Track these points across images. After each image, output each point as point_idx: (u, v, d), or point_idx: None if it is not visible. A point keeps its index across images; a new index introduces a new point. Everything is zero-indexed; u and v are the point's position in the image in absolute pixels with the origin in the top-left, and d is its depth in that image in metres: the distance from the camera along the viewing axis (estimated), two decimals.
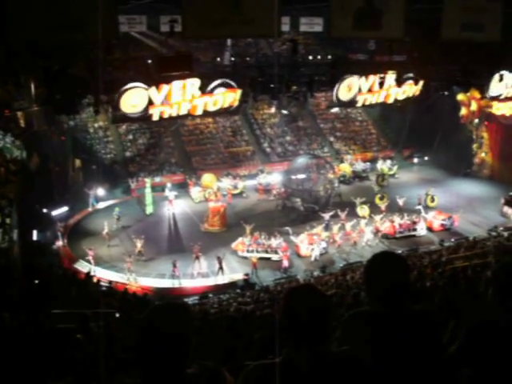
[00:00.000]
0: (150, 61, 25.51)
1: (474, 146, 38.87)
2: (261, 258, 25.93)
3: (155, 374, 2.56)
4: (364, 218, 29.66)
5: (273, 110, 40.91)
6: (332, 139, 42.56)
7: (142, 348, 2.59)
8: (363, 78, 27.55)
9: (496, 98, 31.56)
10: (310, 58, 35.42)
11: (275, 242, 26.51)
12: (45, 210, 27.98)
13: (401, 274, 3.19)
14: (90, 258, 24.89)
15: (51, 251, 26.14)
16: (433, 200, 32.34)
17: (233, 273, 25.08)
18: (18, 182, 23.50)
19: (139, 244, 25.79)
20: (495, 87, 29.25)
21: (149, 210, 32.05)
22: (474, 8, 19.41)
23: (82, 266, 24.79)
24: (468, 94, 35.05)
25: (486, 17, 19.96)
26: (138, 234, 27.12)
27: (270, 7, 16.57)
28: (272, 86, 24.98)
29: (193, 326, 2.67)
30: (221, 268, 24.49)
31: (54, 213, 28.74)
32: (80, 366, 5.42)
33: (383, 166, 39.05)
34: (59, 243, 26.83)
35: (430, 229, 29.39)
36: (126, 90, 23.44)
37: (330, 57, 32.64)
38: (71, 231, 28.54)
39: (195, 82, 24.29)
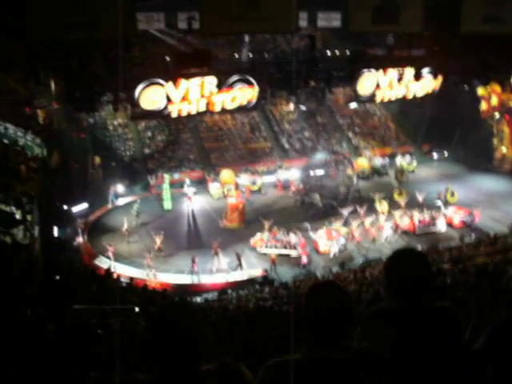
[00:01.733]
0: (168, 58, 25.58)
1: (495, 140, 38.40)
2: (279, 255, 25.93)
3: (167, 370, 2.57)
4: (383, 213, 29.45)
5: (291, 106, 40.80)
6: (350, 135, 42.35)
7: (151, 345, 2.62)
8: (382, 72, 27.36)
9: None
10: (328, 53, 35.25)
11: (294, 238, 26.48)
12: (65, 207, 28.27)
13: (421, 270, 3.17)
14: (110, 254, 25.08)
15: (71, 247, 26.42)
16: (453, 195, 32.03)
17: (251, 269, 25.11)
18: (38, 179, 23.76)
19: (158, 240, 25.91)
20: None
21: (167, 205, 32.23)
22: (495, 0, 19.17)
23: (102, 262, 25.01)
24: (488, 87, 34.63)
25: (506, 9, 19.70)
26: (157, 230, 27.28)
27: (287, 3, 16.55)
28: (290, 81, 24.92)
29: (197, 323, 2.67)
30: (239, 264, 24.53)
31: (74, 209, 29.05)
32: (100, 361, 5.46)
33: (402, 161, 38.75)
34: (79, 239, 27.09)
35: (450, 225, 29.12)
36: (145, 87, 23.54)
37: (348, 52, 32.44)
38: (91, 227, 28.79)
39: (213, 80, 24.34)
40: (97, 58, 22.25)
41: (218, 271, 24.91)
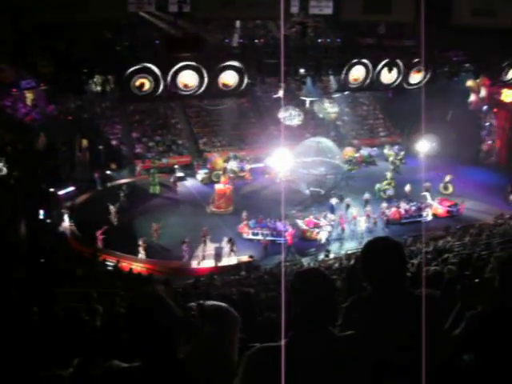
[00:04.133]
0: (158, 41, 25.38)
1: (482, 133, 38.58)
2: (266, 241, 26.03)
3: (145, 359, 2.60)
4: (368, 201, 29.53)
5: (280, 92, 40.65)
6: (339, 123, 42.34)
7: (128, 334, 2.64)
8: (372, 62, 27.37)
9: (506, 85, 31.30)
10: (319, 41, 35.13)
11: (280, 225, 26.57)
12: (51, 190, 28.08)
13: (396, 258, 3.21)
14: (98, 237, 24.92)
15: (57, 230, 26.28)
16: (446, 188, 32.38)
17: (238, 255, 25.17)
18: (24, 161, 23.58)
19: (154, 226, 25.77)
20: (505, 74, 28.98)
21: (154, 190, 32.16)
22: None
23: (88, 246, 24.90)
24: (478, 80, 34.74)
25: (497, 2, 19.77)
26: (144, 214, 27.21)
27: None
28: (280, 68, 24.86)
29: (171, 312, 2.67)
30: (232, 250, 24.63)
31: (61, 192, 28.86)
32: (85, 346, 5.47)
33: (390, 151, 38.85)
34: (65, 222, 26.95)
35: (435, 215, 29.33)
36: (134, 70, 23.40)
37: (339, 40, 32.38)
38: (77, 211, 28.62)
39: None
40: (86, 40, 22.04)
41: (205, 257, 24.96)
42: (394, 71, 28.04)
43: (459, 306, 3.80)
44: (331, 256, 24.48)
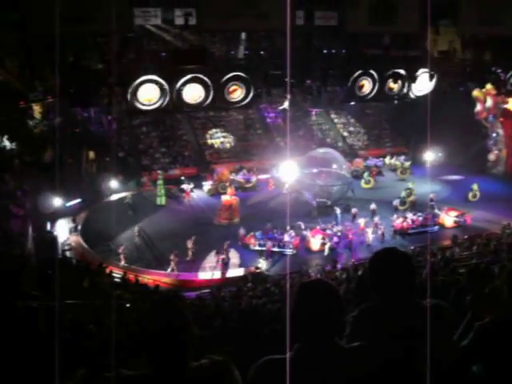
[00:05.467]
0: (164, 54, 25.56)
1: (489, 142, 38.50)
2: (273, 252, 25.99)
3: (157, 366, 2.59)
4: (374, 212, 29.40)
5: (286, 103, 40.77)
6: (345, 134, 42.38)
7: (141, 342, 2.64)
8: (378, 72, 27.41)
9: None
10: (325, 51, 35.24)
11: (287, 236, 26.51)
12: (58, 202, 28.16)
13: (404, 268, 3.20)
14: (121, 253, 24.87)
15: (64, 242, 26.33)
16: (475, 196, 32.39)
17: (245, 266, 25.13)
18: (32, 173, 23.68)
19: (190, 243, 25.40)
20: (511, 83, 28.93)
21: (160, 201, 32.21)
22: (491, 2, 19.26)
23: (94, 257, 24.92)
24: (483, 89, 34.71)
25: (503, 11, 19.78)
26: (150, 226, 27.20)
27: (284, 1, 16.58)
28: (286, 80, 24.94)
29: (187, 320, 2.68)
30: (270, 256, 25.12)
31: (68, 204, 28.92)
32: (92, 357, 5.47)
33: (396, 161, 38.80)
34: (72, 234, 27.00)
35: (442, 225, 29.21)
36: (141, 82, 23.53)
37: (344, 51, 32.49)
38: (84, 223, 28.69)
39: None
40: (93, 53, 22.23)
41: (212, 268, 24.91)
42: (400, 81, 28.05)
43: (469, 317, 3.78)
44: (338, 266, 24.39)
